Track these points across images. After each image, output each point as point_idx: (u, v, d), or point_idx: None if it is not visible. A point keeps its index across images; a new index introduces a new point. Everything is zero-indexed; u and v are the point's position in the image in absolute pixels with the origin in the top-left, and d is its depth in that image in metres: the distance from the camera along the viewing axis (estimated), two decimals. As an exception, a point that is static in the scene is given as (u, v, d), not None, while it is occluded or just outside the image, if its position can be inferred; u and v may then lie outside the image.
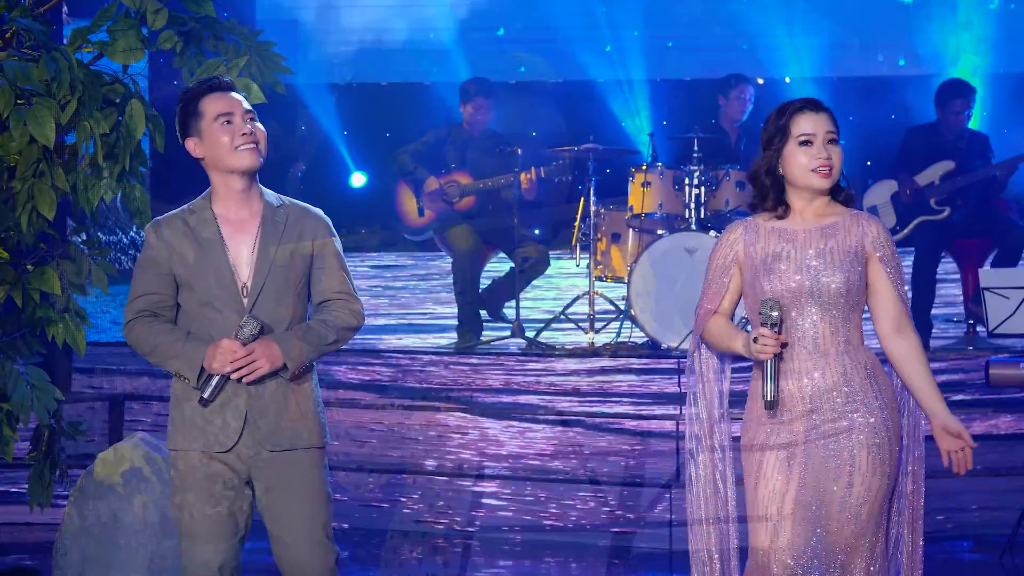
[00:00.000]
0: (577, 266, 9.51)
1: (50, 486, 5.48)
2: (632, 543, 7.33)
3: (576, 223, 9.16)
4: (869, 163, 10.58)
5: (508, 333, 9.01)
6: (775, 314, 4.00)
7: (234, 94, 4.33)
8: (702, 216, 8.75)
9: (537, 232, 10.17)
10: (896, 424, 4.11)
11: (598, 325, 9.03)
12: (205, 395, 4.24)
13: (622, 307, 8.93)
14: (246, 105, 4.33)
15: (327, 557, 4.35)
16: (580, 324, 9.13)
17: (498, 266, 10.06)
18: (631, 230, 8.95)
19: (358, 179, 11.35)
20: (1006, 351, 8.25)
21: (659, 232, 8.75)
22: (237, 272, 4.30)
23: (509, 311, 9.36)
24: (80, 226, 5.09)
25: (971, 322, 8.98)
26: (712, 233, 8.55)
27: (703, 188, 8.78)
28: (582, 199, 9.12)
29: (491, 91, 9.37)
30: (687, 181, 8.80)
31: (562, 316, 9.20)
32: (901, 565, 4.19)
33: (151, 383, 8.58)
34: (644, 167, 8.95)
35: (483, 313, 9.50)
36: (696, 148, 8.83)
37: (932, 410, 4.10)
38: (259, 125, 4.34)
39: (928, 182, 8.91)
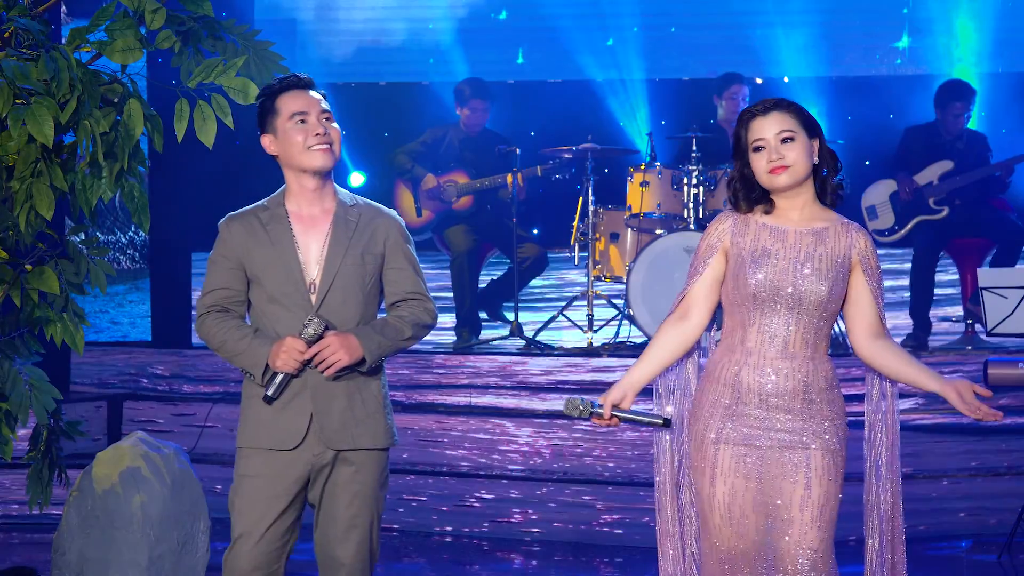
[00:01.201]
0: (575, 265, 9.51)
1: (49, 486, 5.47)
2: (631, 543, 7.33)
3: (575, 223, 9.16)
4: (868, 163, 10.57)
5: (507, 333, 9.01)
6: (576, 414, 4.10)
7: (312, 93, 4.36)
8: (700, 216, 8.75)
9: (535, 232, 10.18)
10: (845, 437, 4.11)
11: (596, 325, 9.03)
12: (268, 393, 4.25)
13: (620, 306, 8.93)
14: (323, 105, 4.35)
15: (364, 557, 4.36)
16: (579, 324, 9.13)
17: (496, 266, 10.06)
18: (629, 230, 8.95)
19: (356, 179, 11.33)
20: (1004, 350, 8.25)
21: (657, 232, 8.75)
22: (306, 269, 4.32)
23: (508, 310, 9.36)
24: (79, 226, 5.08)
25: (970, 321, 8.98)
26: (711, 233, 8.54)
27: (701, 188, 8.79)
28: (580, 199, 9.12)
29: (486, 92, 9.37)
30: (685, 181, 8.80)
31: (560, 316, 9.20)
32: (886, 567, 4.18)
33: (149, 383, 8.59)
34: (643, 167, 8.96)
35: (482, 313, 9.50)
36: (694, 148, 8.84)
37: (936, 388, 4.08)
38: (334, 125, 4.36)
39: (927, 182, 8.91)
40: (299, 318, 4.26)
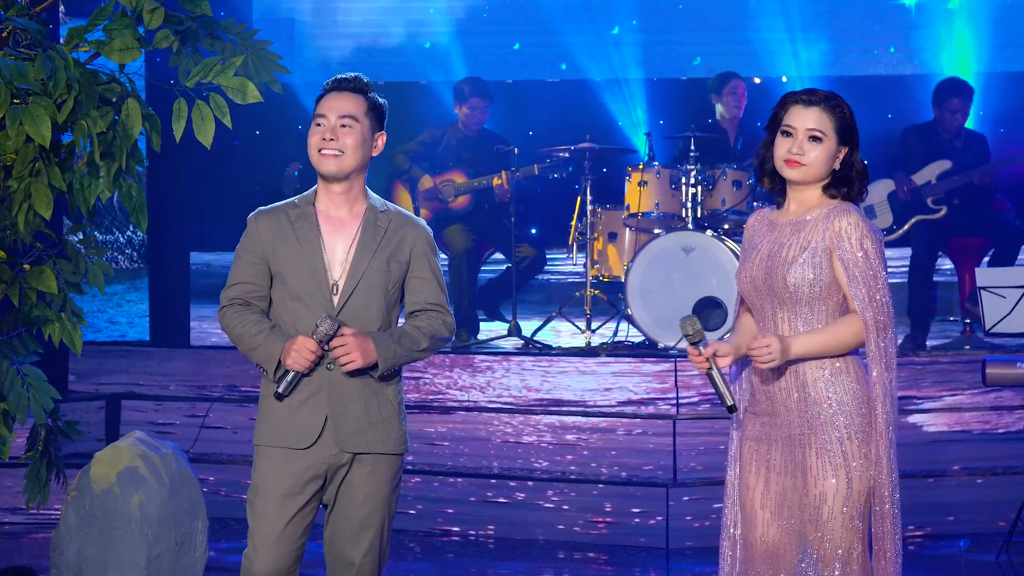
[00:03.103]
0: (574, 265, 9.51)
1: (47, 485, 5.47)
2: (630, 541, 7.32)
3: (573, 222, 9.16)
4: (866, 162, 10.56)
5: (505, 332, 9.01)
6: (690, 331, 3.98)
7: (349, 96, 4.34)
8: (699, 215, 8.75)
9: (534, 231, 10.18)
10: (860, 427, 4.00)
11: (595, 324, 9.02)
12: (279, 390, 4.27)
13: (619, 306, 8.93)
14: (347, 111, 4.32)
15: (374, 558, 4.37)
16: (577, 323, 9.13)
17: (495, 265, 10.06)
18: (628, 229, 8.95)
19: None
20: (1003, 350, 8.25)
21: (656, 231, 8.75)
22: (330, 270, 4.32)
23: (506, 309, 9.36)
24: (77, 225, 5.08)
25: (968, 321, 8.98)
26: (709, 232, 8.55)
27: (700, 187, 8.78)
28: (579, 198, 9.12)
29: (486, 91, 9.38)
30: (684, 180, 8.80)
31: (558, 315, 9.20)
32: (876, 565, 4.16)
33: (148, 383, 8.58)
34: (641, 166, 8.95)
35: (480, 312, 9.50)
36: (693, 147, 8.84)
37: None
38: (353, 132, 4.30)
39: (925, 181, 8.91)
40: (319, 318, 4.27)
